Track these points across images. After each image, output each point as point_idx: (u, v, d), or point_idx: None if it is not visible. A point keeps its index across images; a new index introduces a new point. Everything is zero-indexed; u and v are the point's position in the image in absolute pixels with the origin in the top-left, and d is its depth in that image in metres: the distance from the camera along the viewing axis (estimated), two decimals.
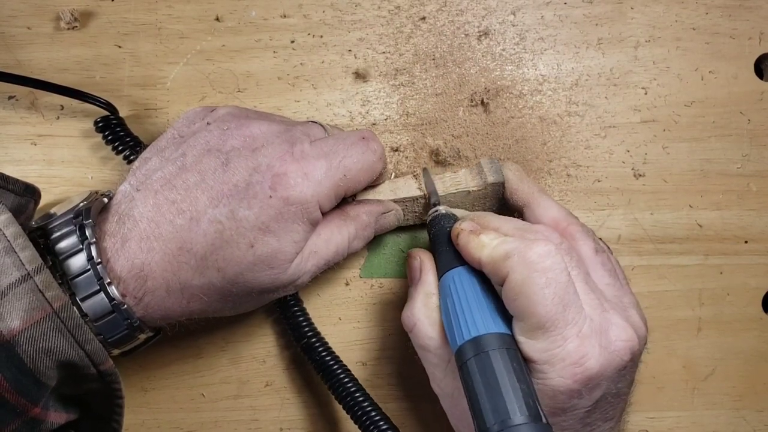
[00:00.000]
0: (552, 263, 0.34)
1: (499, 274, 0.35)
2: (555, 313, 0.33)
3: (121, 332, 0.35)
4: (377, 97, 0.47)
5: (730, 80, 0.48)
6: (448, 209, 0.41)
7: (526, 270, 0.34)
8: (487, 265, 0.36)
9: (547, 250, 0.34)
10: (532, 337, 0.34)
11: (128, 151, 0.43)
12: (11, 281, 0.31)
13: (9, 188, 0.35)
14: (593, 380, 0.34)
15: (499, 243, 0.36)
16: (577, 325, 0.34)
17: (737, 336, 0.47)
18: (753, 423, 0.47)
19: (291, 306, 0.44)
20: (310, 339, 0.43)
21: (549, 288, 0.34)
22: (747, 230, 0.48)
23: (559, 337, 0.34)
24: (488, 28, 0.48)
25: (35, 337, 0.31)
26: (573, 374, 0.34)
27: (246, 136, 0.37)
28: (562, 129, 0.47)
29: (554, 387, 0.34)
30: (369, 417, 0.40)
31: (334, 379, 0.41)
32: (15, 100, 0.46)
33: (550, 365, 0.34)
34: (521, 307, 0.34)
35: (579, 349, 0.34)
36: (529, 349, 0.34)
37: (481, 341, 0.34)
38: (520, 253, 0.34)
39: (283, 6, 0.47)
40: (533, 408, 0.31)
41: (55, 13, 0.46)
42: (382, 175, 0.42)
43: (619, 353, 0.35)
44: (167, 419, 0.46)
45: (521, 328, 0.34)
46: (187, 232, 0.35)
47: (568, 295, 0.34)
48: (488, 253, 0.36)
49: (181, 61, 0.47)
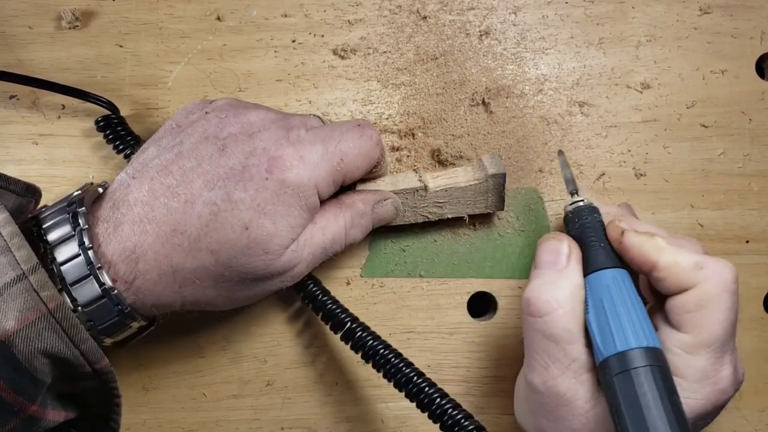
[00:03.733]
0: (737, 289, 0.34)
1: (683, 283, 0.34)
2: (727, 337, 0.34)
3: (111, 319, 0.34)
4: (378, 97, 0.47)
5: (732, 80, 0.48)
6: (591, 200, 0.39)
7: (721, 287, 0.34)
8: (664, 270, 0.35)
9: (736, 274, 0.35)
10: (694, 352, 0.34)
11: (129, 150, 0.43)
12: (6, 281, 0.31)
13: (10, 189, 0.35)
14: (721, 409, 0.35)
15: (683, 251, 0.35)
16: (734, 354, 0.35)
17: (738, 336, 0.47)
18: (754, 423, 0.47)
19: (320, 295, 0.42)
20: (351, 325, 0.41)
21: (732, 311, 0.34)
22: (748, 230, 0.48)
23: (719, 360, 0.34)
24: (489, 27, 0.48)
25: (30, 337, 0.31)
26: (716, 400, 0.34)
27: (243, 123, 0.37)
28: (563, 129, 0.47)
29: (693, 408, 0.34)
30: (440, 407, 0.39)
31: (392, 368, 0.40)
32: (16, 100, 0.46)
33: (701, 385, 0.34)
34: (698, 320, 0.34)
35: (731, 377, 0.34)
36: (684, 365, 0.34)
37: (633, 355, 0.33)
38: (716, 269, 0.34)
39: (285, 5, 0.47)
40: (684, 427, 0.31)
41: (56, 13, 0.46)
42: (381, 166, 0.42)
43: (737, 386, 0.36)
44: (168, 419, 0.46)
45: (682, 341, 0.34)
46: (182, 214, 0.34)
47: (735, 324, 0.35)
48: (671, 259, 0.35)
49: (182, 61, 0.47)
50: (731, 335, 0.34)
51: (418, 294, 0.47)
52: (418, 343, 0.46)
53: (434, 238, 0.47)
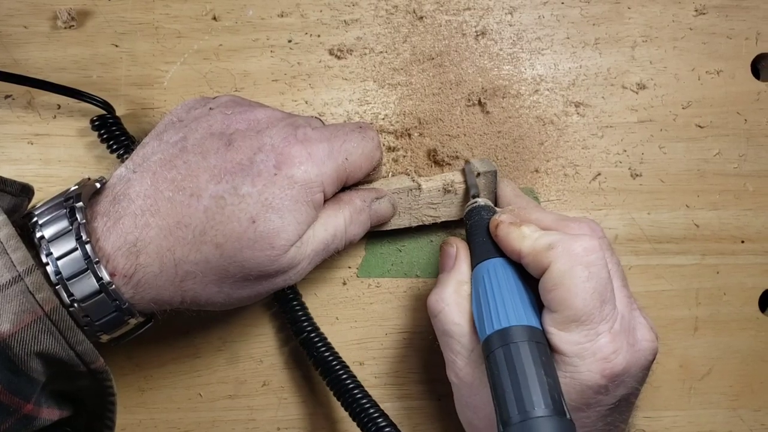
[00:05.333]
0: (596, 258, 0.35)
1: (540, 264, 0.35)
2: (592, 308, 0.34)
3: (108, 315, 0.34)
4: (374, 97, 0.47)
5: (727, 80, 0.48)
6: (487, 201, 0.42)
7: (570, 262, 0.34)
8: (527, 256, 0.36)
9: (592, 245, 0.35)
10: (565, 329, 0.34)
11: (122, 150, 0.43)
12: (2, 283, 0.31)
13: (7, 190, 0.35)
14: (619, 377, 0.35)
15: (542, 234, 0.36)
16: (610, 321, 0.35)
17: (734, 335, 0.47)
18: (749, 422, 0.48)
19: (290, 300, 0.43)
20: (309, 334, 0.43)
21: (590, 282, 0.34)
22: (744, 230, 0.48)
23: (592, 331, 0.34)
24: (485, 27, 0.48)
25: (26, 339, 0.31)
26: (602, 369, 0.34)
27: (250, 120, 0.37)
28: (559, 129, 0.47)
29: (582, 381, 0.34)
30: (367, 414, 0.40)
31: (333, 376, 0.41)
32: (12, 99, 0.46)
33: (580, 358, 0.34)
34: (559, 298, 0.34)
35: (610, 345, 0.34)
36: (559, 341, 0.34)
37: (510, 332, 0.34)
38: (565, 245, 0.35)
39: (281, 5, 0.47)
40: (558, 402, 0.31)
41: (52, 12, 0.46)
42: (377, 170, 0.42)
43: (644, 352, 0.36)
44: (164, 419, 0.46)
45: (554, 319, 0.35)
46: (186, 207, 0.34)
47: (607, 292, 0.35)
48: (530, 244, 0.36)
49: (178, 61, 0.47)
50: (598, 305, 0.34)
51: (415, 294, 0.47)
52: (414, 343, 0.46)
53: (430, 238, 0.47)
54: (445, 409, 0.46)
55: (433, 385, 0.46)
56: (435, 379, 0.46)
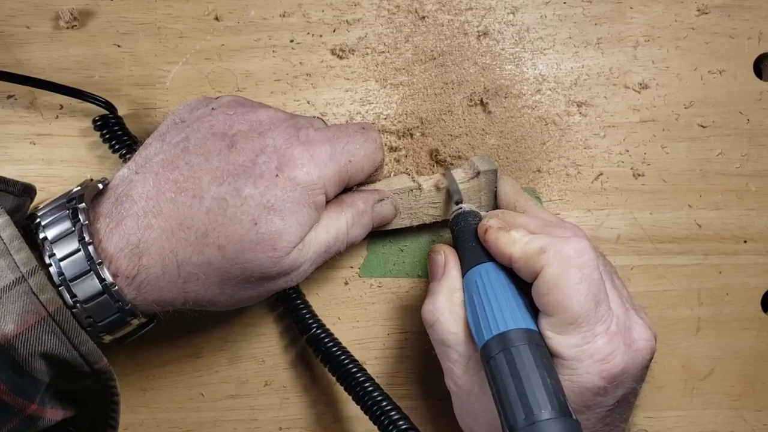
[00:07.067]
0: (587, 259, 0.35)
1: (533, 269, 0.35)
2: (587, 309, 0.34)
3: (111, 316, 0.34)
4: (376, 97, 0.47)
5: (730, 80, 0.48)
6: (471, 206, 0.41)
7: (562, 265, 0.34)
8: (519, 261, 0.36)
9: (584, 246, 0.35)
10: (561, 332, 0.34)
11: (124, 150, 0.43)
12: (5, 284, 0.31)
13: (9, 191, 0.35)
14: (618, 378, 0.35)
15: (532, 238, 0.36)
16: (606, 322, 0.35)
17: (736, 336, 0.47)
18: (752, 422, 0.48)
19: (294, 299, 0.43)
20: (316, 331, 0.42)
21: (584, 284, 0.34)
22: (746, 230, 0.48)
23: (589, 333, 0.34)
24: (488, 27, 0.48)
25: (30, 340, 0.31)
26: (600, 371, 0.34)
27: (252, 121, 0.37)
28: (561, 128, 0.47)
29: (581, 383, 0.34)
30: (380, 407, 0.39)
31: (343, 371, 0.41)
32: (14, 100, 0.46)
33: (578, 361, 0.34)
34: (554, 301, 0.34)
35: (607, 346, 0.34)
36: (557, 345, 0.34)
37: (509, 336, 0.34)
38: (556, 248, 0.35)
39: (283, 5, 0.47)
40: (563, 403, 0.31)
41: (54, 13, 0.46)
42: (379, 171, 0.42)
43: (642, 352, 0.36)
44: (166, 419, 0.46)
45: (550, 323, 0.35)
46: (189, 209, 0.34)
47: (600, 293, 0.35)
48: (521, 249, 0.36)
49: (180, 61, 0.47)
50: (593, 306, 0.34)
51: (417, 294, 0.47)
52: (415, 343, 0.46)
53: (432, 238, 0.47)
54: (446, 409, 0.46)
55: (435, 385, 0.46)
56: (436, 380, 0.46)
